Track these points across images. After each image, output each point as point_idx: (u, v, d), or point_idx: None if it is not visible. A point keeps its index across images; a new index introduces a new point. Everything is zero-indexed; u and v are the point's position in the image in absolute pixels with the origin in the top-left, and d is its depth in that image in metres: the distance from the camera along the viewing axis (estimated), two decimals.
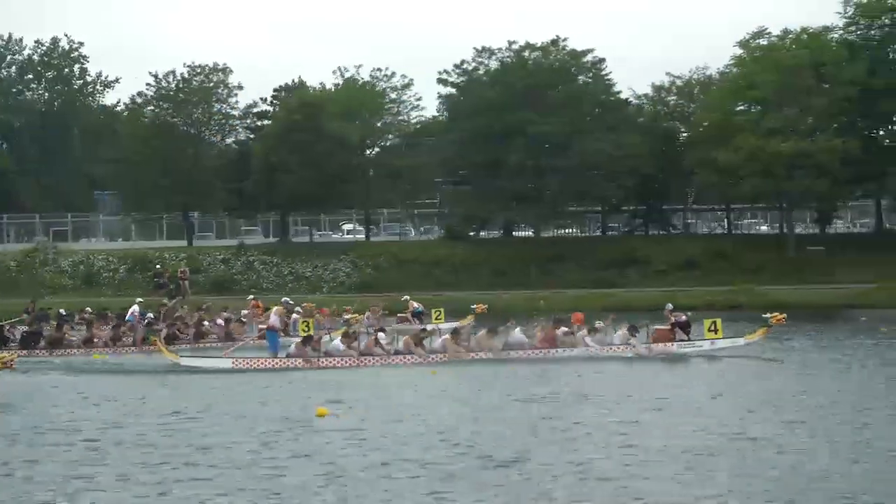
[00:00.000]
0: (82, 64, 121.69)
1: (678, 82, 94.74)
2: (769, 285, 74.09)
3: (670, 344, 40.29)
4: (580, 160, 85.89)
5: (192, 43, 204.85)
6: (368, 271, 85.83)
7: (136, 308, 52.07)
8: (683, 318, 41.91)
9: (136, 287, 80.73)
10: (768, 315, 40.64)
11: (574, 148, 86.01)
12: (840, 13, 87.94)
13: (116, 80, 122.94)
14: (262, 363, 39.06)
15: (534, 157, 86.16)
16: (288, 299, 48.47)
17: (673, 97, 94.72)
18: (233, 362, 38.96)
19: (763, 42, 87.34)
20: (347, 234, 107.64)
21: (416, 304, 56.93)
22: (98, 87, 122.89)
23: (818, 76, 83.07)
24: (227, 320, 50.07)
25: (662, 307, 46.02)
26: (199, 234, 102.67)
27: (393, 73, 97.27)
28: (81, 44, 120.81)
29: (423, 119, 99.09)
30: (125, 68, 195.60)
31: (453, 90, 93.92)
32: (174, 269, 76.86)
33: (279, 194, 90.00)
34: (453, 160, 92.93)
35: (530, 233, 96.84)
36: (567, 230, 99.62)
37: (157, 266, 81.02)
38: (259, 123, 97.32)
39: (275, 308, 45.50)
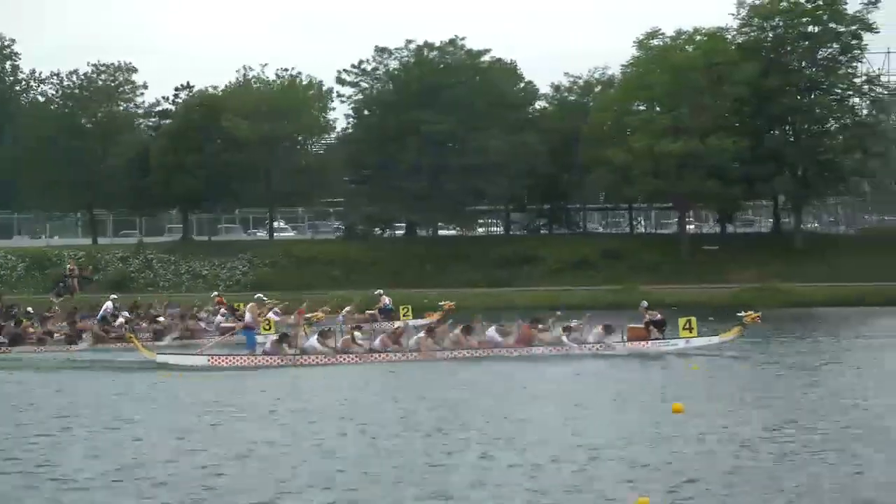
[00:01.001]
0: (14, 61, 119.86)
1: (579, 82, 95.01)
2: (662, 284, 74.64)
3: (645, 342, 40.35)
4: (474, 159, 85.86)
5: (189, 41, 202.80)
6: (265, 270, 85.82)
7: (109, 305, 51.91)
8: (658, 316, 41.98)
9: (33, 285, 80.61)
10: (742, 314, 40.56)
11: (468, 147, 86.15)
12: (734, 14, 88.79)
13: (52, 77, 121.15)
14: (238, 360, 39.10)
15: (428, 157, 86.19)
16: (261, 296, 47.68)
17: (573, 96, 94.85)
18: (209, 360, 39.09)
19: (657, 42, 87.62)
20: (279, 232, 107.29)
21: (386, 300, 56.79)
22: (33, 83, 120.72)
23: (710, 77, 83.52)
24: (182, 316, 49.96)
25: (549, 307, 46.66)
26: (125, 233, 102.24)
27: (299, 73, 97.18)
28: (13, 41, 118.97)
29: (331, 119, 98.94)
30: None
31: (352, 90, 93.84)
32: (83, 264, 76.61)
33: (176, 193, 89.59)
34: (354, 159, 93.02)
35: (435, 232, 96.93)
36: (465, 229, 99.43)
37: (67, 265, 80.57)
38: (161, 122, 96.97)
39: (249, 305, 45.21)
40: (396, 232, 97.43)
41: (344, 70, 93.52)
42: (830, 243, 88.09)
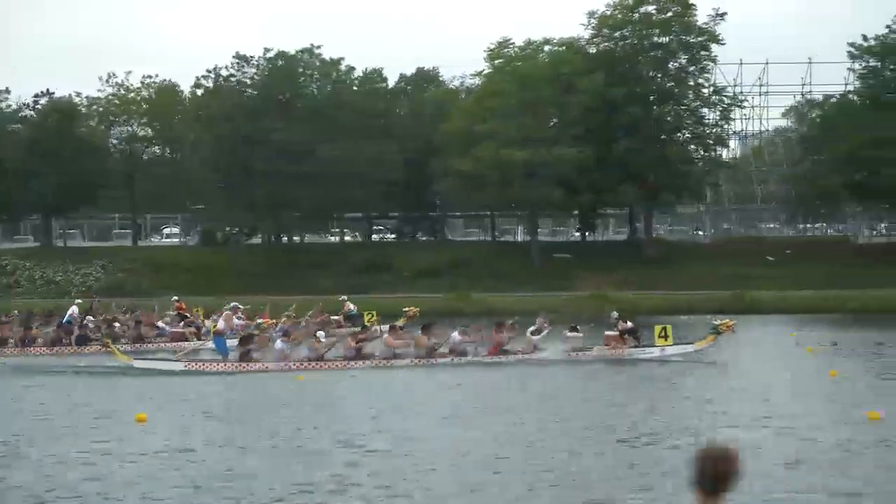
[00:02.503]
0: None
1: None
2: (508, 292, 75.50)
3: (621, 350, 39.86)
4: (328, 167, 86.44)
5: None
6: (120, 275, 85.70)
7: (74, 309, 51.37)
8: (630, 325, 41.49)
9: None
10: (717, 322, 40.09)
11: (322, 155, 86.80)
12: (584, 25, 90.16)
13: None
14: (213, 366, 38.88)
15: (281, 165, 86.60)
16: (237, 304, 47.48)
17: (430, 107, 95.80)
18: (185, 364, 38.87)
19: (508, 52, 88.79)
20: (166, 238, 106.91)
21: (351, 306, 56.44)
22: None
23: (557, 87, 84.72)
24: (136, 322, 49.44)
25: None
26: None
27: (163, 80, 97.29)
28: None
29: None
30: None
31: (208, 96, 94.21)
32: None
33: (31, 199, 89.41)
34: (211, 166, 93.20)
35: (299, 239, 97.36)
36: (326, 236, 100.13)
37: None
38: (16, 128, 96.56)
39: (224, 313, 44.84)
40: (257, 238, 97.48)
41: (201, 76, 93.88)
42: (680, 251, 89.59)
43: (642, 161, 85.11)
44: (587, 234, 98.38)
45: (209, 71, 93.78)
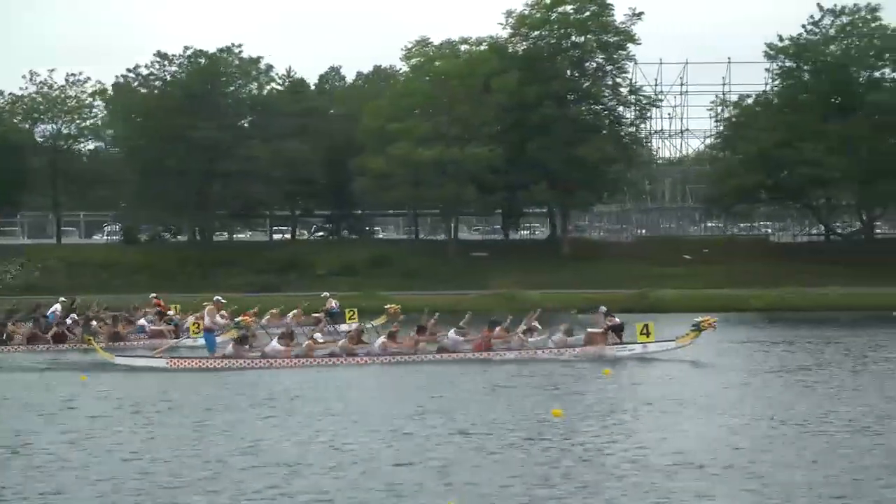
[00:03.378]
0: None
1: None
2: (422, 291, 75.49)
3: (603, 347, 39.58)
4: (243, 165, 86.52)
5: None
6: (36, 274, 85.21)
7: (57, 307, 50.75)
8: (617, 321, 41.01)
9: None
10: (699, 319, 39.64)
11: (238, 154, 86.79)
12: (503, 24, 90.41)
13: None
14: (197, 363, 38.59)
15: (197, 163, 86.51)
16: (220, 297, 46.53)
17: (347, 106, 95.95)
18: (167, 362, 38.57)
19: (425, 51, 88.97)
20: (107, 235, 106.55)
21: (333, 304, 56.13)
22: None
23: (471, 86, 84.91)
24: (114, 319, 49.16)
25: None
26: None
27: (87, 78, 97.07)
28: None
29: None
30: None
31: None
32: None
33: None
34: (129, 164, 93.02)
35: (228, 236, 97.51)
36: (238, 233, 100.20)
37: None
38: None
39: (208, 308, 44.04)
40: (178, 237, 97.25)
41: (122, 75, 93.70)
42: (600, 251, 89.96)
43: (556, 160, 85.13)
44: (510, 233, 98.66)
45: (129, 70, 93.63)
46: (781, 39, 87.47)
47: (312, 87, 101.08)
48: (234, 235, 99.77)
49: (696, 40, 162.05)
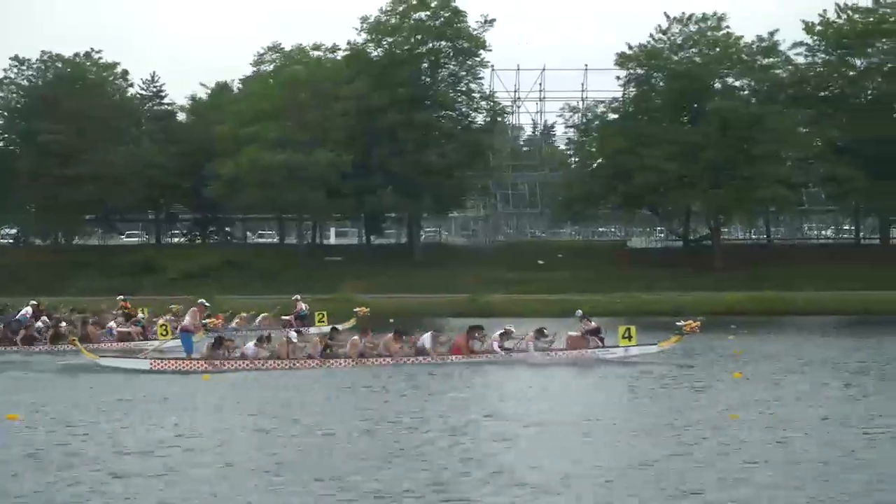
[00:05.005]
0: None
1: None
2: (272, 294, 75.47)
3: (585, 351, 39.52)
4: (96, 169, 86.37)
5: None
6: None
7: (28, 310, 50.19)
8: (593, 324, 41.01)
9: None
10: (682, 323, 39.67)
11: (91, 158, 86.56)
12: (357, 30, 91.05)
13: None
14: (179, 364, 38.61)
15: (48, 167, 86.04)
16: (204, 300, 46.08)
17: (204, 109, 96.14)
18: (151, 363, 38.60)
19: (276, 57, 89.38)
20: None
21: (303, 306, 55.75)
22: None
23: (319, 92, 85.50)
24: (83, 321, 48.59)
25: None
26: None
27: None
28: None
29: None
30: None
31: None
32: None
33: None
34: None
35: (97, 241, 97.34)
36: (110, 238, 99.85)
37: None
38: None
39: (191, 309, 43.95)
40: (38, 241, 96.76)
41: None
42: (451, 256, 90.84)
43: (402, 166, 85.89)
44: (372, 237, 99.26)
45: None
46: (631, 47, 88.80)
47: (175, 93, 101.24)
48: (108, 240, 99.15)
49: (555, 48, 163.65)
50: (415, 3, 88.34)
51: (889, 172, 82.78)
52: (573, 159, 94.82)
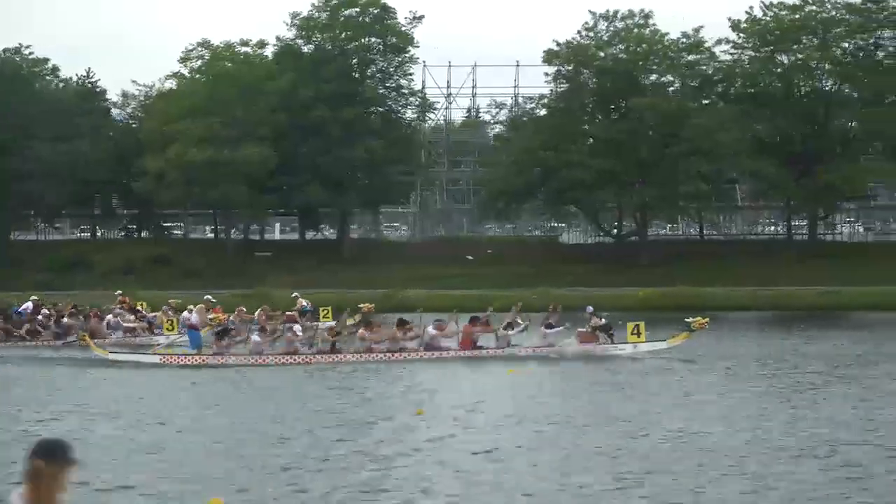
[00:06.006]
0: None
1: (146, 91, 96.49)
2: (198, 290, 75.49)
3: (594, 346, 39.40)
4: (27, 166, 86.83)
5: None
6: None
7: (29, 305, 50.37)
8: (602, 321, 40.87)
9: None
10: (690, 319, 39.49)
11: (24, 154, 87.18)
12: (287, 26, 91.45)
13: None
14: (188, 359, 38.85)
15: None
16: (210, 297, 47.02)
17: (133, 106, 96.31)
18: (160, 358, 39.00)
19: (203, 53, 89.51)
20: None
21: (304, 302, 55.28)
22: None
23: (245, 88, 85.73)
24: (86, 316, 48.29)
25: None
26: None
27: None
28: None
29: None
30: None
31: None
32: None
33: None
34: None
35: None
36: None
37: None
38: None
39: (198, 306, 44.73)
40: None
41: None
42: (381, 252, 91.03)
43: (330, 161, 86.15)
44: (306, 233, 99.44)
45: None
46: (559, 44, 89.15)
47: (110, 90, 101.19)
48: (47, 236, 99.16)
49: (489, 44, 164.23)
50: None
51: (813, 169, 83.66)
52: (503, 156, 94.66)
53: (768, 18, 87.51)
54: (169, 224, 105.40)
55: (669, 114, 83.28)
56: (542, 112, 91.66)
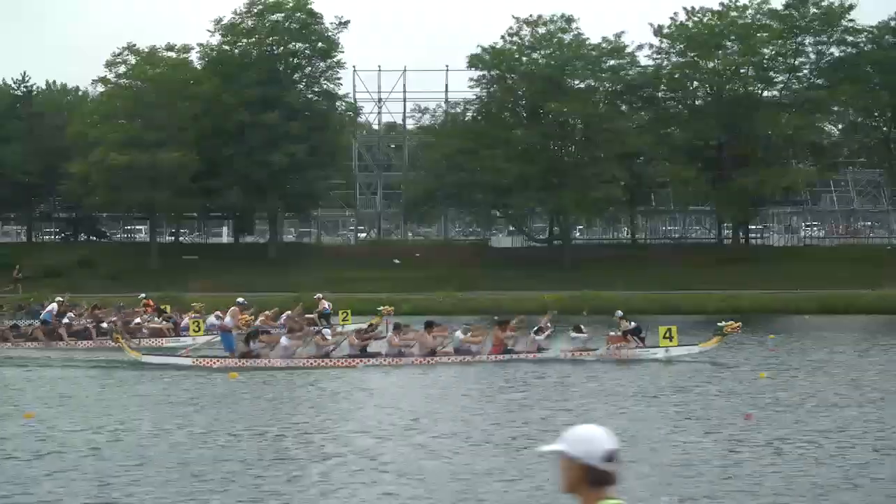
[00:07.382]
0: None
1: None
2: (121, 293, 75.78)
3: (626, 350, 39.52)
4: None
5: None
6: None
7: (54, 307, 50.29)
8: (633, 324, 41.19)
9: None
10: (722, 323, 39.77)
11: None
12: (211, 31, 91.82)
13: None
14: (222, 362, 38.74)
15: None
16: (242, 299, 46.49)
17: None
18: (192, 361, 39.01)
19: (129, 58, 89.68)
20: None
21: (326, 304, 55.30)
22: None
23: (167, 92, 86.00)
24: (125, 321, 48.74)
25: None
26: None
27: None
28: None
29: None
30: None
31: None
32: None
33: None
34: None
35: None
36: None
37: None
38: None
39: (231, 309, 44.34)
40: None
41: None
42: (307, 255, 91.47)
43: (250, 165, 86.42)
44: (241, 236, 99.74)
45: None
46: (483, 49, 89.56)
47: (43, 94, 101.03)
48: None
49: (419, 49, 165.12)
50: (270, 4, 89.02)
51: (733, 175, 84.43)
52: (425, 161, 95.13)
53: (691, 24, 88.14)
54: (105, 228, 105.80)
55: (587, 118, 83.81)
56: (467, 117, 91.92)
